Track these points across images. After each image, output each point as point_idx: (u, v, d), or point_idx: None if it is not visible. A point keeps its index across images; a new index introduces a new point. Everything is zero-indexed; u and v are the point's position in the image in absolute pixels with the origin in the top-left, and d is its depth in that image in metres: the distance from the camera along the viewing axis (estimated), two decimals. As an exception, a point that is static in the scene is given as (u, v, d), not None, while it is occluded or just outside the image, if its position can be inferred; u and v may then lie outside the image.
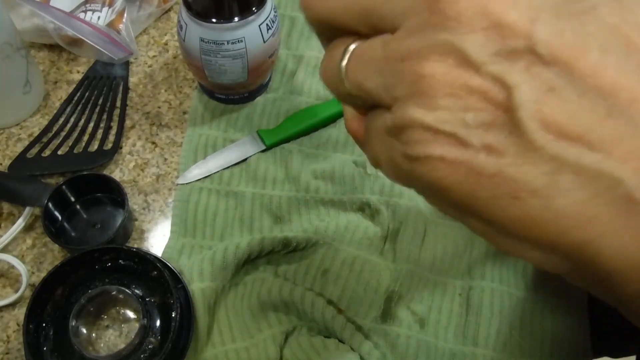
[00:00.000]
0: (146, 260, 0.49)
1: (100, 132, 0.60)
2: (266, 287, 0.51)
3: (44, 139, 0.60)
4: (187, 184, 0.57)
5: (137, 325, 0.49)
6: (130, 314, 0.50)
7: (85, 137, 0.60)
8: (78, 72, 0.65)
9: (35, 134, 0.60)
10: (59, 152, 0.59)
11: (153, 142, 0.61)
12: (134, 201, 0.57)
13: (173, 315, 0.47)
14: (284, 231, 0.54)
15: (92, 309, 0.49)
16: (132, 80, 0.65)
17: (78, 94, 0.63)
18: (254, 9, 0.53)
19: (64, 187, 0.54)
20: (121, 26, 0.61)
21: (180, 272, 0.50)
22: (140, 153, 0.60)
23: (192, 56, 0.56)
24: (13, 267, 0.51)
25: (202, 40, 0.54)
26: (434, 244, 0.53)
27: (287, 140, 0.60)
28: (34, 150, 0.59)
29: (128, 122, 0.62)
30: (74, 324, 0.46)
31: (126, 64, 0.66)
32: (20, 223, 0.53)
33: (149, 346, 0.47)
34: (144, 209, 0.57)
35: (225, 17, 0.52)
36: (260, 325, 0.50)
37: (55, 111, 0.62)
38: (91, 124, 0.61)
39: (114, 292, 0.49)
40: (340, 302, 0.51)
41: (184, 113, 0.63)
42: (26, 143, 0.59)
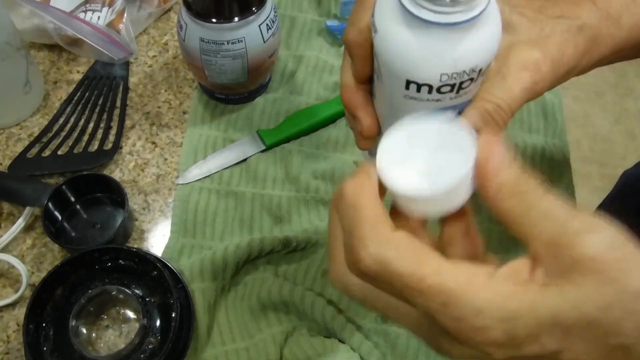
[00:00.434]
0: (146, 260, 0.49)
1: (100, 132, 0.60)
2: (266, 287, 0.51)
3: (44, 139, 0.60)
4: (187, 184, 0.57)
5: (137, 325, 0.49)
6: (130, 314, 0.50)
7: (85, 137, 0.60)
8: (78, 72, 0.65)
9: (35, 134, 0.60)
10: (59, 152, 0.59)
11: (153, 142, 0.61)
12: (134, 201, 0.57)
13: (173, 315, 0.47)
14: (284, 231, 0.54)
15: (92, 309, 0.49)
16: (132, 80, 0.65)
17: (78, 94, 0.63)
18: (254, 9, 0.53)
19: (64, 187, 0.54)
20: (121, 26, 0.61)
21: (180, 272, 0.50)
22: (140, 153, 0.60)
23: (192, 56, 0.56)
24: (13, 267, 0.51)
25: (202, 40, 0.54)
26: (434, 244, 0.53)
27: (287, 140, 0.60)
28: (34, 150, 0.59)
29: (128, 122, 0.62)
30: (74, 324, 0.46)
31: (126, 64, 0.66)
32: (20, 223, 0.53)
33: (149, 346, 0.47)
34: (144, 209, 0.57)
35: (225, 17, 0.52)
36: (260, 325, 0.50)
37: (55, 111, 0.62)
38: (91, 124, 0.61)
39: (114, 292, 0.49)
40: (340, 302, 0.51)
41: (184, 113, 0.63)
42: (26, 143, 0.59)
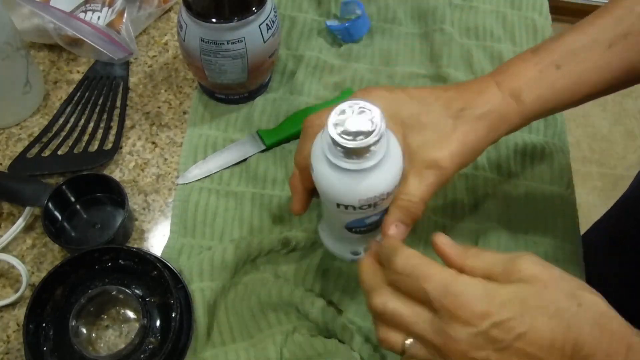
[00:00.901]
0: (146, 260, 0.49)
1: (100, 132, 0.60)
2: (266, 288, 0.51)
3: (44, 139, 0.60)
4: (187, 184, 0.57)
5: (137, 325, 0.49)
6: (130, 314, 0.50)
7: (85, 137, 0.60)
8: (78, 72, 0.65)
9: (35, 134, 0.60)
10: (59, 152, 0.59)
11: (153, 142, 0.61)
12: (134, 201, 0.57)
13: (173, 315, 0.47)
14: (284, 231, 0.54)
15: (92, 309, 0.49)
16: (132, 80, 0.65)
17: (78, 94, 0.63)
18: (254, 9, 0.53)
19: (64, 187, 0.54)
20: (121, 26, 0.61)
21: (180, 272, 0.50)
22: (140, 153, 0.60)
23: (192, 56, 0.56)
24: (13, 267, 0.51)
25: (202, 40, 0.54)
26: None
27: (287, 140, 0.60)
28: (34, 150, 0.59)
29: (128, 122, 0.62)
30: (74, 324, 0.46)
31: (126, 64, 0.66)
32: (20, 223, 0.53)
33: (149, 346, 0.47)
34: (144, 209, 0.57)
35: (225, 17, 0.52)
36: (260, 325, 0.50)
37: (55, 111, 0.62)
38: (91, 124, 0.61)
39: (114, 292, 0.49)
40: (340, 303, 0.51)
41: (184, 113, 0.63)
42: (26, 143, 0.59)
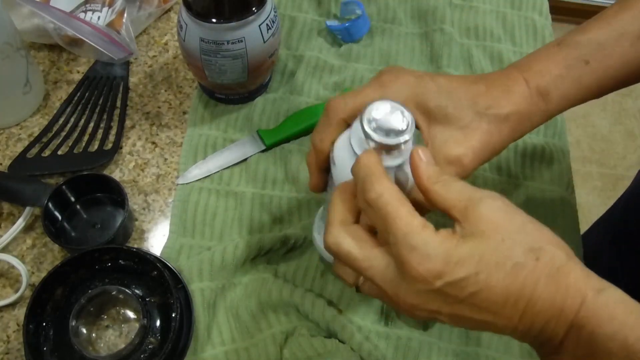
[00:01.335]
0: (146, 260, 0.49)
1: (100, 132, 0.60)
2: (266, 288, 0.51)
3: (44, 139, 0.60)
4: (187, 184, 0.57)
5: (137, 325, 0.49)
6: (130, 314, 0.50)
7: (85, 137, 0.60)
8: (78, 72, 0.65)
9: (35, 134, 0.60)
10: (59, 152, 0.59)
11: (153, 142, 0.61)
12: (134, 201, 0.57)
13: (173, 315, 0.47)
14: (284, 230, 0.54)
15: (92, 309, 0.49)
16: (132, 80, 0.65)
17: (78, 94, 0.63)
18: (254, 9, 0.53)
19: (64, 187, 0.54)
20: (121, 26, 0.61)
21: (180, 272, 0.50)
22: (140, 153, 0.60)
23: (192, 56, 0.56)
24: (13, 267, 0.51)
25: (202, 40, 0.54)
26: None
27: (287, 140, 0.60)
28: (34, 150, 0.59)
29: (128, 122, 0.62)
30: (74, 324, 0.46)
31: (126, 64, 0.66)
32: (20, 223, 0.53)
33: (149, 346, 0.47)
34: (144, 209, 0.57)
35: (225, 17, 0.52)
36: (260, 325, 0.50)
37: (55, 111, 0.62)
38: (91, 124, 0.61)
39: (114, 292, 0.49)
40: (340, 303, 0.51)
41: (184, 113, 0.63)
42: (26, 143, 0.59)
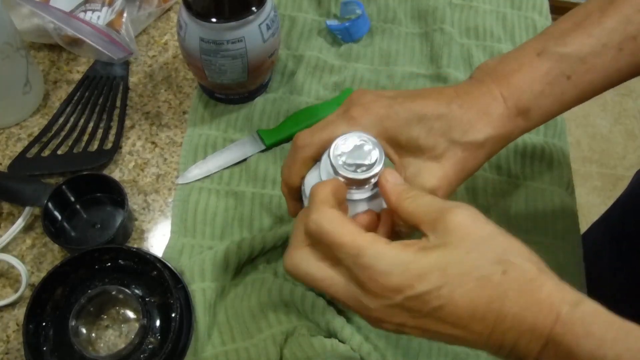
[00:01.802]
0: (146, 260, 0.49)
1: (100, 132, 0.60)
2: (266, 288, 0.51)
3: (44, 139, 0.60)
4: (187, 183, 0.57)
5: (137, 325, 0.49)
6: (130, 314, 0.50)
7: (85, 137, 0.60)
8: (78, 72, 0.65)
9: (35, 134, 0.60)
10: (59, 152, 0.59)
11: (153, 142, 0.61)
12: (134, 201, 0.57)
13: (173, 315, 0.47)
14: (283, 230, 0.54)
15: (92, 309, 0.49)
16: (132, 80, 0.65)
17: (78, 93, 0.63)
18: (254, 9, 0.53)
19: (64, 187, 0.54)
20: (121, 26, 0.61)
21: (180, 272, 0.50)
22: (140, 153, 0.60)
23: (192, 56, 0.56)
24: (13, 267, 0.51)
25: (202, 40, 0.54)
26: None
27: (287, 140, 0.60)
28: (33, 150, 0.59)
29: (128, 122, 0.62)
30: (74, 324, 0.46)
31: (126, 64, 0.66)
32: (20, 223, 0.53)
33: (149, 346, 0.47)
34: (144, 209, 0.57)
35: (225, 17, 0.52)
36: (260, 325, 0.50)
37: (55, 111, 0.62)
38: (91, 124, 0.61)
39: (114, 292, 0.49)
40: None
41: (184, 113, 0.63)
42: (26, 143, 0.59)
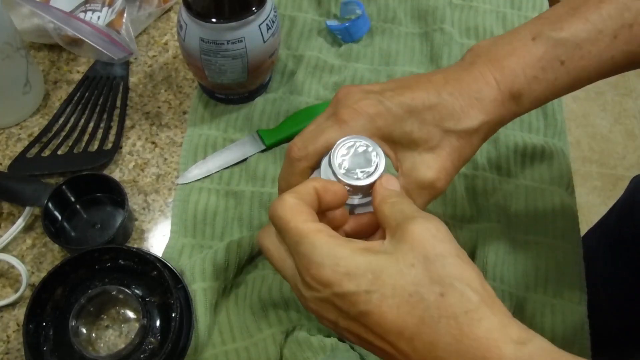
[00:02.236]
0: (146, 260, 0.49)
1: (100, 132, 0.60)
2: (266, 285, 0.51)
3: (44, 139, 0.60)
4: (187, 184, 0.57)
5: (137, 325, 0.49)
6: (130, 314, 0.50)
7: (85, 137, 0.60)
8: (78, 72, 0.65)
9: (35, 134, 0.60)
10: (59, 152, 0.59)
11: (153, 142, 0.61)
12: (134, 201, 0.57)
13: (173, 315, 0.47)
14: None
15: (92, 309, 0.49)
16: (132, 80, 0.65)
17: (78, 94, 0.63)
18: (254, 9, 0.53)
19: (64, 187, 0.54)
20: (121, 26, 0.61)
21: (180, 272, 0.50)
22: (140, 153, 0.60)
23: (192, 56, 0.56)
24: (13, 267, 0.51)
25: (202, 40, 0.54)
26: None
27: (287, 140, 0.60)
28: (33, 150, 0.59)
29: (128, 122, 0.62)
30: (74, 324, 0.46)
31: (126, 64, 0.66)
32: (20, 223, 0.53)
33: (149, 346, 0.47)
34: (144, 209, 0.57)
35: (225, 17, 0.52)
36: (260, 324, 0.50)
37: (55, 111, 0.62)
38: (91, 124, 0.61)
39: (114, 292, 0.49)
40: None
41: (184, 113, 0.63)
42: (26, 143, 0.59)
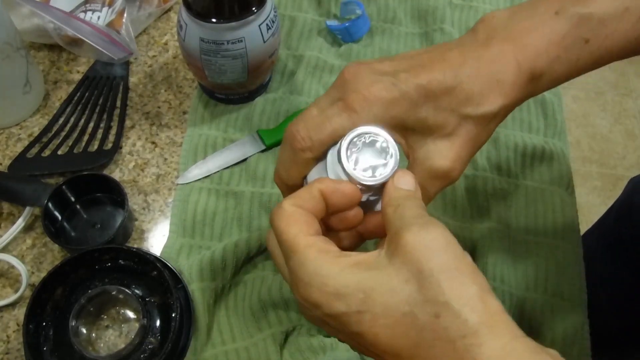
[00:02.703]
0: (146, 260, 0.49)
1: (100, 132, 0.60)
2: (266, 286, 0.51)
3: (44, 139, 0.60)
4: (187, 184, 0.57)
5: (137, 325, 0.49)
6: (130, 314, 0.50)
7: (85, 137, 0.60)
8: (78, 72, 0.65)
9: (35, 134, 0.60)
10: (59, 152, 0.59)
11: (153, 142, 0.61)
12: (134, 201, 0.57)
13: (173, 315, 0.47)
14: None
15: (92, 309, 0.49)
16: (132, 80, 0.65)
17: (78, 94, 0.63)
18: (254, 9, 0.53)
19: (64, 187, 0.54)
20: (121, 26, 0.61)
21: (180, 272, 0.50)
22: (140, 153, 0.60)
23: (192, 56, 0.56)
24: (13, 267, 0.51)
25: (202, 40, 0.54)
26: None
27: (287, 140, 0.60)
28: (34, 150, 0.59)
29: (128, 122, 0.62)
30: (74, 324, 0.46)
31: (126, 64, 0.66)
32: (20, 223, 0.53)
33: (149, 346, 0.47)
34: (144, 209, 0.57)
35: (225, 17, 0.52)
36: (260, 324, 0.50)
37: (55, 111, 0.62)
38: (91, 124, 0.61)
39: (114, 292, 0.49)
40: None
41: (184, 113, 0.63)
42: (26, 143, 0.59)
